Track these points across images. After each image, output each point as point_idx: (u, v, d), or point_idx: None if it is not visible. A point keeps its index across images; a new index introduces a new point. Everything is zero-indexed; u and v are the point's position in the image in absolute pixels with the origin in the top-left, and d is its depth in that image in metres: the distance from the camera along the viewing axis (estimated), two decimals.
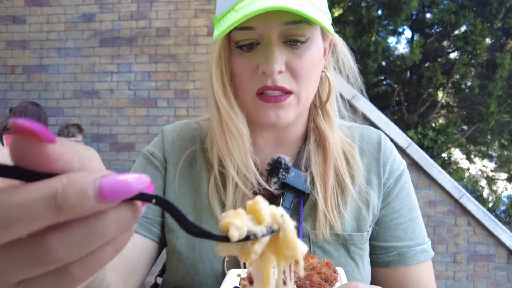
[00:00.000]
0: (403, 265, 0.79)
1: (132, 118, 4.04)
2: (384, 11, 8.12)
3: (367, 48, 7.57)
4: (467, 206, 3.96)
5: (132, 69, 4.05)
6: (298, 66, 0.70)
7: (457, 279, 4.03)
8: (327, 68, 0.81)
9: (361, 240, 0.78)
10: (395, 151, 0.86)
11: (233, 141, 0.75)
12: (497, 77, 7.03)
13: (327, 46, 0.80)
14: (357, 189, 0.80)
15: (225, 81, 0.74)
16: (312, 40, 0.72)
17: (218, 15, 0.72)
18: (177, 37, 3.98)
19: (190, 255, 0.77)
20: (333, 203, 0.77)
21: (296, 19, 0.67)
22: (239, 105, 0.76)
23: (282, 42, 0.70)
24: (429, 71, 7.81)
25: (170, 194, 0.81)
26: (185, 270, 0.76)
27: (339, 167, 0.79)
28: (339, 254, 0.77)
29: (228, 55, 0.74)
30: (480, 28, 7.03)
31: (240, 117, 0.75)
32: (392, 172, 0.82)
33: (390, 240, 0.80)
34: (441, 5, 7.97)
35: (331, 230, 0.76)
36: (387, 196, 0.82)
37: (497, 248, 4.02)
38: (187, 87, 3.99)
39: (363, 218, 0.79)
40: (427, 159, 3.94)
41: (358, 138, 0.85)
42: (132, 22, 4.05)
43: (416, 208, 0.84)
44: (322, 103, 0.81)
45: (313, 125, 0.83)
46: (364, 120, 3.90)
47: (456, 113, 9.03)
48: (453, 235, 4.03)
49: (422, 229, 0.84)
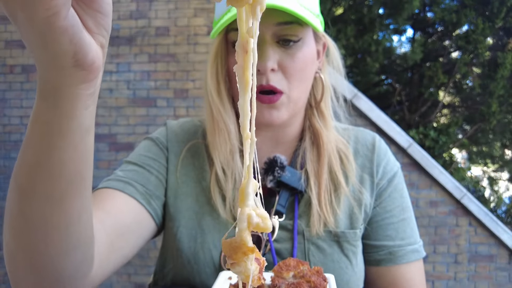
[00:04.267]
0: (394, 264, 0.81)
1: (131, 118, 4.03)
2: (385, 10, 8.10)
3: (368, 47, 7.56)
4: (468, 206, 3.94)
5: (131, 69, 4.03)
6: (290, 65, 0.74)
7: (458, 280, 4.01)
8: (321, 69, 0.84)
9: (354, 237, 0.80)
10: (389, 152, 0.89)
11: (220, 138, 0.78)
12: (498, 76, 7.01)
13: (321, 49, 0.83)
14: (350, 187, 0.82)
15: (220, 79, 0.78)
16: (304, 41, 0.76)
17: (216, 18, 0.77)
18: (176, 37, 3.97)
19: (192, 245, 0.79)
20: (327, 199, 0.79)
21: (288, 20, 0.71)
22: (231, 103, 0.79)
23: (275, 42, 0.74)
24: (430, 71, 7.80)
25: (171, 184, 0.82)
26: (185, 259, 0.78)
27: (333, 164, 0.82)
28: (333, 250, 0.78)
29: (225, 55, 0.77)
30: (481, 28, 7.01)
31: (230, 115, 0.78)
32: (385, 173, 0.85)
33: (382, 239, 0.82)
34: (442, 4, 7.95)
35: (325, 226, 0.78)
36: (379, 196, 0.84)
37: (498, 249, 4.01)
38: (186, 87, 3.97)
39: (355, 216, 0.81)
40: (428, 159, 3.92)
41: (353, 140, 0.88)
42: (132, 21, 4.03)
43: (409, 209, 0.86)
44: (317, 103, 0.85)
45: (309, 124, 0.85)
46: (364, 119, 3.89)
47: (457, 112, 9.01)
48: (455, 235, 4.02)
49: (415, 229, 0.86)
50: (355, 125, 0.93)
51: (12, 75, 4.12)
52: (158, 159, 0.83)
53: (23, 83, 4.11)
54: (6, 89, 4.13)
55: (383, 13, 8.15)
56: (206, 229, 0.79)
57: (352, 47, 7.78)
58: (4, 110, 4.10)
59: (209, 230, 0.79)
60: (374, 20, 7.78)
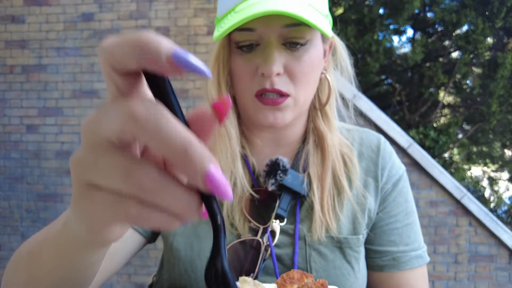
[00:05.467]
0: (397, 270, 0.79)
1: None
2: (386, 10, 8.10)
3: (369, 47, 7.55)
4: (468, 206, 3.94)
5: None
6: (297, 69, 0.70)
7: (459, 280, 4.01)
8: (327, 70, 0.80)
9: (356, 243, 0.78)
10: (395, 155, 0.86)
11: (221, 143, 0.75)
12: (498, 76, 7.01)
13: (327, 48, 0.80)
14: (353, 192, 0.79)
15: (221, 81, 0.74)
16: (312, 43, 0.72)
17: (219, 16, 0.73)
18: (176, 36, 3.96)
19: (189, 253, 0.77)
20: (330, 204, 0.77)
21: (295, 22, 0.67)
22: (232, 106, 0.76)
23: (282, 44, 0.70)
24: (430, 71, 7.80)
25: None
26: (183, 267, 0.76)
27: (337, 168, 0.79)
28: (335, 256, 0.76)
29: (228, 56, 0.74)
30: (481, 28, 7.01)
31: (231, 118, 0.75)
32: (390, 177, 0.82)
33: (385, 244, 0.80)
34: (442, 4, 7.95)
35: (327, 232, 0.76)
36: (384, 200, 0.81)
37: (498, 249, 4.00)
38: (186, 87, 3.97)
39: (358, 221, 0.78)
40: (428, 159, 3.92)
41: (358, 142, 0.85)
42: (132, 21, 4.03)
43: (413, 214, 0.83)
44: (321, 105, 0.81)
45: (312, 126, 0.82)
46: (364, 119, 3.88)
47: (457, 112, 9.01)
48: (455, 235, 4.01)
49: (419, 234, 0.83)
50: (355, 125, 0.89)
51: (12, 75, 4.12)
52: None
53: (23, 83, 4.11)
54: (6, 89, 4.13)
55: (384, 13, 8.14)
56: (203, 237, 0.77)
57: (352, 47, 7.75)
58: (4, 110, 4.10)
59: (205, 237, 0.77)
60: (374, 20, 7.78)
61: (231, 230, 0.76)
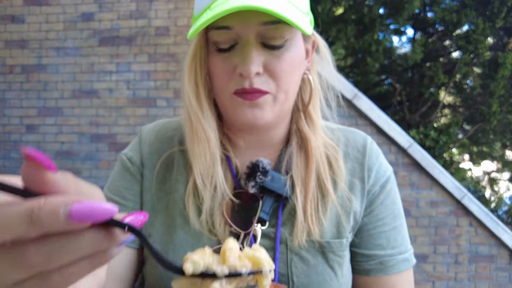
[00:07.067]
0: (384, 274, 0.77)
1: (131, 118, 4.02)
2: (386, 10, 8.10)
3: (369, 47, 7.55)
4: (469, 206, 3.93)
5: (131, 69, 4.03)
6: (277, 68, 0.68)
7: (459, 280, 4.00)
8: (310, 70, 0.78)
9: (340, 247, 0.76)
10: (382, 156, 0.83)
11: (199, 146, 0.73)
12: (499, 76, 7.01)
13: (310, 48, 0.77)
14: (338, 194, 0.77)
15: (198, 81, 0.72)
16: (292, 41, 0.69)
17: (196, 14, 0.70)
18: (176, 36, 3.96)
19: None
20: (313, 209, 0.74)
21: (274, 20, 0.65)
22: (211, 108, 0.74)
23: (260, 43, 0.67)
24: (430, 71, 7.79)
25: (146, 202, 0.79)
26: (159, 276, 0.75)
27: (321, 171, 0.76)
28: (317, 261, 0.74)
29: (205, 55, 0.71)
30: (482, 27, 7.01)
31: (209, 121, 0.73)
32: (378, 178, 0.79)
33: (372, 248, 0.78)
34: (442, 4, 7.95)
35: (308, 236, 0.74)
36: (371, 203, 0.79)
37: (499, 249, 4.00)
38: None
39: (343, 224, 0.76)
40: (428, 159, 3.92)
41: (343, 142, 0.82)
42: (131, 21, 4.03)
43: (400, 216, 0.81)
44: (304, 106, 0.79)
45: (295, 128, 0.80)
46: (364, 119, 3.88)
47: (458, 112, 9.00)
48: (455, 235, 4.01)
49: (406, 237, 0.81)
50: (355, 125, 0.88)
51: (12, 75, 4.11)
52: (131, 187, 0.80)
53: (23, 83, 4.11)
54: (6, 89, 4.13)
55: (384, 13, 8.14)
56: (179, 244, 0.75)
57: (352, 47, 7.77)
58: (4, 110, 4.10)
59: (181, 244, 0.75)
60: (374, 20, 7.77)
61: (209, 236, 0.73)
